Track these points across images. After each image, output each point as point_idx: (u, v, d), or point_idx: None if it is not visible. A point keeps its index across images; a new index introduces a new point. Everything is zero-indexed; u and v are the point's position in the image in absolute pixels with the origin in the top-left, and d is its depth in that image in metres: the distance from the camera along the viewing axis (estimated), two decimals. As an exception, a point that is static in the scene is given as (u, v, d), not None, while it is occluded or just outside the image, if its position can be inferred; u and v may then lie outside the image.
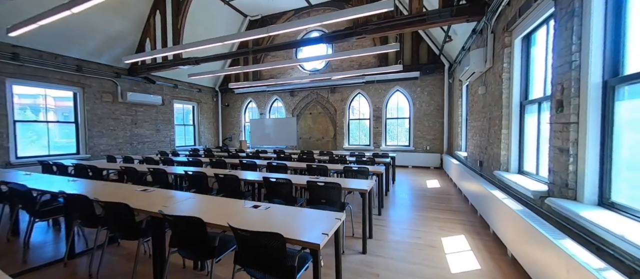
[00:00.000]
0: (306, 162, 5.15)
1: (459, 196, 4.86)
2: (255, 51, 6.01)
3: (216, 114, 11.54)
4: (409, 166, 8.46)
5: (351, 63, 9.21)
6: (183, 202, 2.16)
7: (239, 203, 2.11)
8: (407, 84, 8.50)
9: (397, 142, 9.03)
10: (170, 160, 5.23)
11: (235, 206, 2.06)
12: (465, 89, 6.51)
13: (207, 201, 2.21)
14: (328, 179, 2.82)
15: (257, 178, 3.06)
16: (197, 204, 2.14)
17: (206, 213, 1.90)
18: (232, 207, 2.04)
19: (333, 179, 3.07)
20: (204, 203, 2.15)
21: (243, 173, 3.54)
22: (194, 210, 1.98)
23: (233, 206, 2.06)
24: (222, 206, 2.07)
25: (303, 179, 3.05)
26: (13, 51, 5.69)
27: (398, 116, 8.96)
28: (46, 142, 6.43)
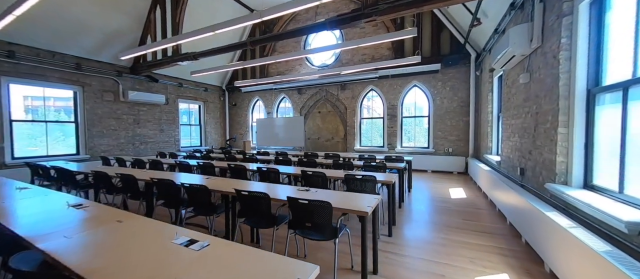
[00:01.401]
0: (306, 167, 4.47)
1: (491, 210, 3.95)
2: (254, 42, 5.45)
3: (223, 114, 11.20)
4: (428, 171, 7.52)
5: (363, 56, 8.42)
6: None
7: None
8: (426, 79, 7.56)
9: (415, 143, 8.09)
10: (159, 162, 4.76)
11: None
12: (497, 80, 5.51)
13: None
14: (314, 196, 2.12)
15: (230, 190, 2.42)
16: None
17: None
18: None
19: (327, 192, 2.36)
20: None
21: (220, 183, 2.91)
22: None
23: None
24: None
25: (287, 191, 2.37)
26: (9, 49, 5.53)
27: (415, 115, 8.03)
28: (44, 142, 6.26)
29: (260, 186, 2.62)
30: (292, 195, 2.07)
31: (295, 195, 2.17)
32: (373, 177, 2.90)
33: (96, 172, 3.44)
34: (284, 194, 2.26)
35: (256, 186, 2.64)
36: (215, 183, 2.79)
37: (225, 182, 2.85)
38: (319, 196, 2.23)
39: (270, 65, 10.15)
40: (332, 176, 3.24)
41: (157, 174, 3.39)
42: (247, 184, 2.76)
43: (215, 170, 4.21)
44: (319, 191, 2.40)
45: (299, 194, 2.26)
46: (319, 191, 2.42)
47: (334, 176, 3.24)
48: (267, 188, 2.51)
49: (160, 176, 3.03)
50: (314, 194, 2.29)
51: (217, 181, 2.91)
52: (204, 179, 3.00)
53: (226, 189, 2.45)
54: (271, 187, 2.57)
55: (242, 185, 2.70)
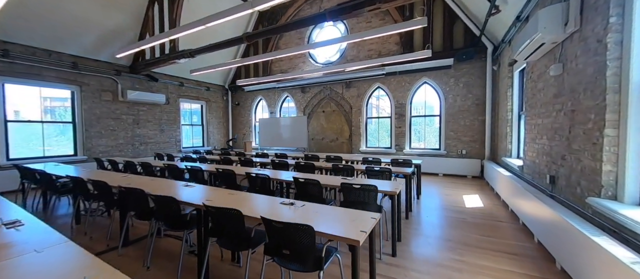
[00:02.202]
0: (304, 171, 4.08)
1: (513, 223, 3.43)
2: (251, 37, 5.10)
3: (226, 114, 10.97)
4: (439, 174, 6.97)
5: (369, 52, 7.95)
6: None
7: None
8: (437, 75, 7.01)
9: (425, 144, 7.55)
10: (149, 165, 4.49)
11: None
12: (518, 75, 4.95)
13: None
14: (294, 214, 1.72)
15: (197, 202, 2.06)
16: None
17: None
18: None
19: (316, 207, 1.96)
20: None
21: (185, 191, 2.56)
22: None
23: None
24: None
25: (265, 205, 1.99)
26: (3, 48, 5.41)
27: (426, 114, 7.49)
28: (41, 143, 6.15)
29: (236, 198, 2.24)
30: (269, 212, 1.68)
31: (274, 211, 1.78)
32: (374, 187, 2.47)
33: (72, 177, 3.17)
34: (261, 209, 1.87)
35: (232, 198, 2.27)
36: (190, 192, 2.44)
37: (204, 192, 2.50)
38: (304, 213, 1.83)
39: (273, 64, 9.84)
40: (328, 184, 2.83)
41: (132, 179, 3.08)
42: (223, 194, 2.39)
43: (204, 175, 3.88)
44: (307, 206, 2.00)
45: (279, 211, 1.86)
46: (306, 205, 2.02)
47: (330, 183, 2.83)
48: (243, 201, 2.13)
49: (131, 184, 2.71)
50: (296, 210, 1.89)
51: (194, 190, 2.56)
52: (179, 187, 2.66)
53: (198, 201, 2.09)
54: (248, 200, 2.19)
55: (217, 195, 2.34)
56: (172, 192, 2.40)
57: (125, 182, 2.82)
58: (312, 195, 2.84)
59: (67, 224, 3.38)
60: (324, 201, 2.80)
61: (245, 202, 2.10)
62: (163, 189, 2.50)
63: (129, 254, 2.58)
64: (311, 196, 2.86)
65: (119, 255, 2.54)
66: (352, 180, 2.94)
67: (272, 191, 3.21)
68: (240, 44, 5.30)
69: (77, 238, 3.00)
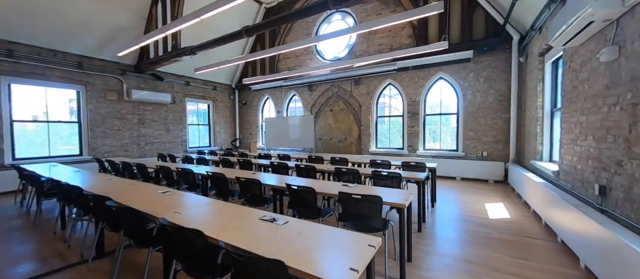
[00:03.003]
0: (304, 176, 3.70)
1: (549, 239, 2.87)
2: (250, 31, 4.78)
3: (233, 113, 10.80)
4: (456, 178, 6.37)
5: (379, 47, 7.44)
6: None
7: None
8: (454, 69, 6.41)
9: (440, 145, 6.95)
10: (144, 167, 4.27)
11: None
12: (550, 66, 4.32)
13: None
14: (273, 238, 1.33)
15: (161, 214, 1.72)
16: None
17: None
18: None
19: (303, 226, 1.56)
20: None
21: (158, 199, 2.23)
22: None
23: None
24: None
25: (238, 222, 1.61)
26: (8, 48, 5.42)
27: (441, 112, 6.89)
28: (47, 143, 6.15)
29: (210, 211, 1.89)
30: (238, 233, 1.31)
31: (247, 231, 1.40)
32: (377, 198, 2.04)
33: (53, 180, 2.96)
34: (232, 227, 1.50)
35: (205, 210, 1.92)
36: (161, 202, 2.11)
37: (178, 200, 2.17)
38: (283, 236, 1.44)
39: (279, 62, 9.55)
40: (325, 192, 2.43)
41: (109, 184, 2.81)
42: (198, 205, 2.05)
43: (197, 178, 3.59)
44: (290, 223, 1.61)
45: (252, 231, 1.48)
46: (290, 222, 1.62)
47: (327, 192, 2.42)
48: (216, 215, 1.77)
49: (105, 190, 2.43)
50: (276, 231, 1.50)
51: (169, 198, 2.24)
52: (153, 195, 2.36)
53: (162, 214, 1.75)
54: (222, 214, 1.82)
55: (190, 206, 1.99)
56: (141, 201, 2.09)
57: (101, 187, 2.56)
58: (307, 204, 2.45)
59: (50, 228, 3.19)
60: (319, 212, 2.40)
61: (216, 218, 1.74)
62: (133, 197, 2.20)
63: (101, 268, 2.31)
64: (306, 205, 2.47)
65: (88, 270, 2.27)
66: (353, 188, 2.52)
67: (264, 198, 2.84)
68: (240, 39, 5.00)
69: (54, 244, 2.78)
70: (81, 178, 3.25)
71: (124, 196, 2.23)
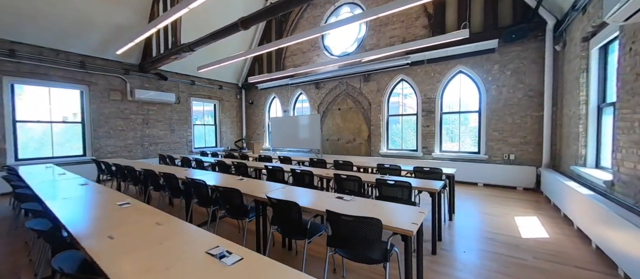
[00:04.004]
0: (298, 182, 3.25)
1: (606, 271, 2.23)
2: (245, 22, 4.40)
3: (240, 113, 10.57)
4: (478, 184, 5.66)
5: (391, 39, 6.85)
6: None
7: None
8: (476, 62, 5.70)
9: (459, 146, 6.24)
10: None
11: None
12: (597, 52, 3.58)
13: None
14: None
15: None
16: None
17: None
18: None
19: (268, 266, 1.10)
20: None
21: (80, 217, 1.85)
22: None
23: None
24: None
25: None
26: (10, 48, 5.39)
27: (461, 110, 6.18)
28: (50, 143, 6.13)
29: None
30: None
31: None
32: (375, 221, 1.54)
33: (22, 186, 2.70)
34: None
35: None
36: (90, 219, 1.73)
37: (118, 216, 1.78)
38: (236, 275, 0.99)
39: (286, 59, 9.17)
40: (312, 209, 1.95)
41: (71, 192, 2.50)
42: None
43: (178, 182, 3.24)
44: (245, 261, 1.15)
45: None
46: (244, 259, 1.17)
47: (314, 208, 1.95)
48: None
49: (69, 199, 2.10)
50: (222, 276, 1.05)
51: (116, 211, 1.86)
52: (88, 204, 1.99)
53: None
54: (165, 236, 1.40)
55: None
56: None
57: (62, 197, 2.24)
58: (291, 221, 1.99)
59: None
60: (306, 231, 1.94)
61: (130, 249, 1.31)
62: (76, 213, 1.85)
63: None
64: (290, 222, 2.02)
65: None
66: (349, 203, 2.03)
67: (246, 210, 2.42)
68: (237, 31, 4.65)
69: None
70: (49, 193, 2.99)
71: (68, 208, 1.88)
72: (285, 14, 8.83)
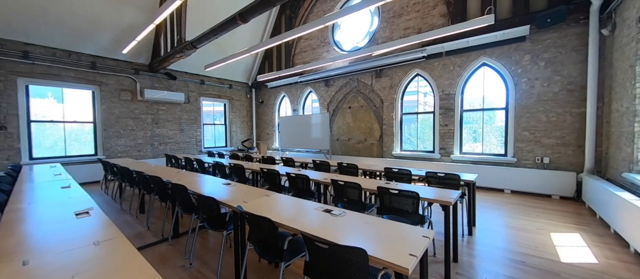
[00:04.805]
0: (295, 187, 2.92)
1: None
2: (244, 14, 4.14)
3: (250, 112, 10.45)
4: (505, 190, 5.00)
5: (406, 31, 6.30)
6: None
7: None
8: (503, 52, 5.03)
9: (482, 147, 5.58)
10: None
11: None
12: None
13: None
14: None
15: None
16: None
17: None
18: None
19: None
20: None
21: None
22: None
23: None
24: None
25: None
26: (24, 50, 5.57)
27: (484, 107, 5.52)
28: (63, 142, 6.30)
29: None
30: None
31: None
32: (359, 252, 1.14)
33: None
34: None
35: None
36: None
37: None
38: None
39: (296, 56, 8.89)
40: (286, 226, 1.59)
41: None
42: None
43: (167, 186, 3.02)
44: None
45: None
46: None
47: (290, 225, 1.58)
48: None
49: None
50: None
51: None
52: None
53: None
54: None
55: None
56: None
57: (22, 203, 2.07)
58: (266, 240, 1.64)
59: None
60: (281, 254, 1.58)
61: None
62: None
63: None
64: (265, 242, 1.67)
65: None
66: (337, 218, 1.65)
67: (224, 221, 2.11)
68: (236, 26, 4.41)
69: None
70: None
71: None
72: (294, 10, 8.55)
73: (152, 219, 3.48)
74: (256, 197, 2.21)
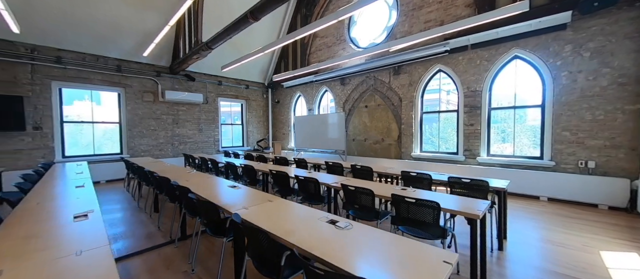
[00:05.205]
0: (305, 191, 2.76)
1: None
2: (255, 12, 4.04)
3: (266, 112, 10.49)
4: (540, 198, 4.47)
5: (427, 24, 5.90)
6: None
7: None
8: (539, 43, 4.50)
9: (513, 149, 5.05)
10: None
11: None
12: None
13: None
14: None
15: None
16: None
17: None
18: None
19: None
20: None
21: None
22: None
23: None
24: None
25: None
26: (57, 55, 5.94)
27: (516, 104, 4.99)
28: (93, 141, 6.67)
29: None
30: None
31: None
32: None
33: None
34: None
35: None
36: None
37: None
38: None
39: (311, 55, 8.76)
40: (282, 239, 1.42)
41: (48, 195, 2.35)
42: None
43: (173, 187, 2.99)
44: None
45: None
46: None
47: (286, 239, 1.41)
48: None
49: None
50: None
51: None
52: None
53: None
54: None
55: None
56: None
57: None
58: (262, 254, 1.48)
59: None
60: (278, 272, 1.42)
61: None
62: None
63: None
64: (262, 255, 1.51)
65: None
66: (342, 231, 1.45)
67: (225, 228, 1.99)
68: (248, 24, 4.34)
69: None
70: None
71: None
72: (309, 7, 8.41)
73: (163, 219, 3.50)
74: (258, 203, 2.06)
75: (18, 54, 5.51)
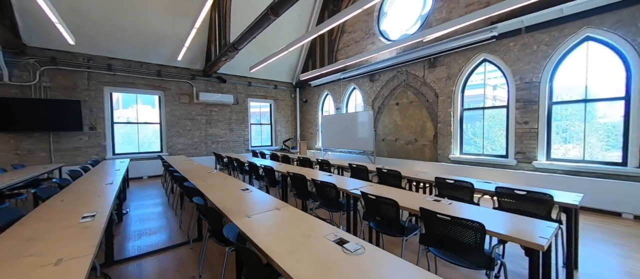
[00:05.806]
0: (322, 196, 2.50)
1: None
2: (275, 8, 3.89)
3: (294, 112, 10.46)
4: (623, 214, 3.54)
5: (468, 8, 5.18)
6: None
7: None
8: (621, 18, 3.57)
9: (583, 153, 4.11)
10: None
11: None
12: None
13: None
14: None
15: None
16: None
17: None
18: None
19: None
20: None
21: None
22: None
23: None
24: None
25: None
26: (108, 63, 6.58)
27: (586, 97, 4.05)
28: (136, 141, 7.28)
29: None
30: None
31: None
32: None
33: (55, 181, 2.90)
34: None
35: None
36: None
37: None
38: None
39: (339, 52, 8.44)
40: (280, 267, 1.17)
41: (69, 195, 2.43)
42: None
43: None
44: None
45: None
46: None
47: (283, 267, 1.16)
48: None
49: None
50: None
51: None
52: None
53: None
54: None
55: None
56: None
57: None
58: (256, 276, 1.25)
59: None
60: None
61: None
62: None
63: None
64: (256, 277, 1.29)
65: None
66: (351, 257, 1.15)
67: (226, 238, 1.82)
68: (269, 21, 4.22)
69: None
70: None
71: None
72: (337, 3, 8.10)
73: (185, 217, 3.54)
74: (265, 211, 1.86)
75: (77, 64, 6.21)
